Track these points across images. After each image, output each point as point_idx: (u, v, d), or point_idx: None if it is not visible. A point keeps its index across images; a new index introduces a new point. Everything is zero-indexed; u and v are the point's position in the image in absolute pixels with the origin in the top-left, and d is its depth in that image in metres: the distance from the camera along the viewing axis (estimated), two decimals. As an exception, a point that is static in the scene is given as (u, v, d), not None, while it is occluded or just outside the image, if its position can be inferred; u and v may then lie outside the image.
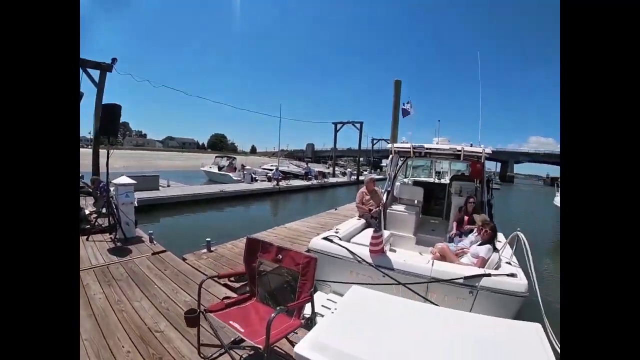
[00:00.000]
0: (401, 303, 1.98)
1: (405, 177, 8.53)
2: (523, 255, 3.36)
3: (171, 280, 3.91)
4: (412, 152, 5.71)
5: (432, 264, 3.20)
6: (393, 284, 3.15)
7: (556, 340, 1.83)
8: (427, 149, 5.54)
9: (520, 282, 2.87)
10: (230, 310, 2.32)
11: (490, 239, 3.62)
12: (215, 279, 3.43)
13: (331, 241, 3.79)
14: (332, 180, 28.34)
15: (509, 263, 3.31)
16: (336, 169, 34.98)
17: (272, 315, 1.84)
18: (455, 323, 1.74)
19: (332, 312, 1.66)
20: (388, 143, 8.63)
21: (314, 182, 23.69)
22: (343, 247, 3.62)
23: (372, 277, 3.32)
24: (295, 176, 24.39)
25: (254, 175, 19.34)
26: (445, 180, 9.11)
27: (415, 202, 6.16)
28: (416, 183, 7.93)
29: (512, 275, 2.97)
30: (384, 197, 6.08)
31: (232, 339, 2.50)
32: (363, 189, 6.01)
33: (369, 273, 3.36)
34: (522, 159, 66.87)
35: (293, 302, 2.24)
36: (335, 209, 10.04)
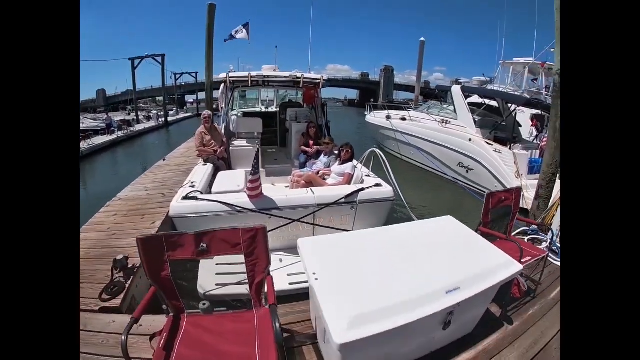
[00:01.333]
0: (351, 237, 2.01)
1: (233, 110, 8.03)
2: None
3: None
4: (250, 82, 5.33)
5: (314, 192, 3.25)
6: (289, 223, 3.03)
7: None
8: (266, 77, 5.27)
9: (387, 189, 3.34)
10: (180, 352, 1.50)
11: (351, 157, 3.95)
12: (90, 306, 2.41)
13: (196, 198, 3.13)
14: (138, 127, 24.26)
15: (369, 176, 3.74)
16: (139, 114, 29.66)
17: (276, 326, 1.37)
18: (410, 235, 1.97)
19: (316, 279, 1.44)
20: (192, 76, 7.73)
21: (119, 134, 19.65)
22: (215, 201, 3.06)
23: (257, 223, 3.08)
24: (95, 132, 19.44)
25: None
26: (273, 109, 9.16)
27: (255, 134, 5.97)
28: (246, 115, 7.62)
29: (378, 185, 3.39)
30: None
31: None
32: (201, 128, 5.30)
33: (252, 220, 3.07)
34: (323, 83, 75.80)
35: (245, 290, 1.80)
36: (164, 160, 8.58)
